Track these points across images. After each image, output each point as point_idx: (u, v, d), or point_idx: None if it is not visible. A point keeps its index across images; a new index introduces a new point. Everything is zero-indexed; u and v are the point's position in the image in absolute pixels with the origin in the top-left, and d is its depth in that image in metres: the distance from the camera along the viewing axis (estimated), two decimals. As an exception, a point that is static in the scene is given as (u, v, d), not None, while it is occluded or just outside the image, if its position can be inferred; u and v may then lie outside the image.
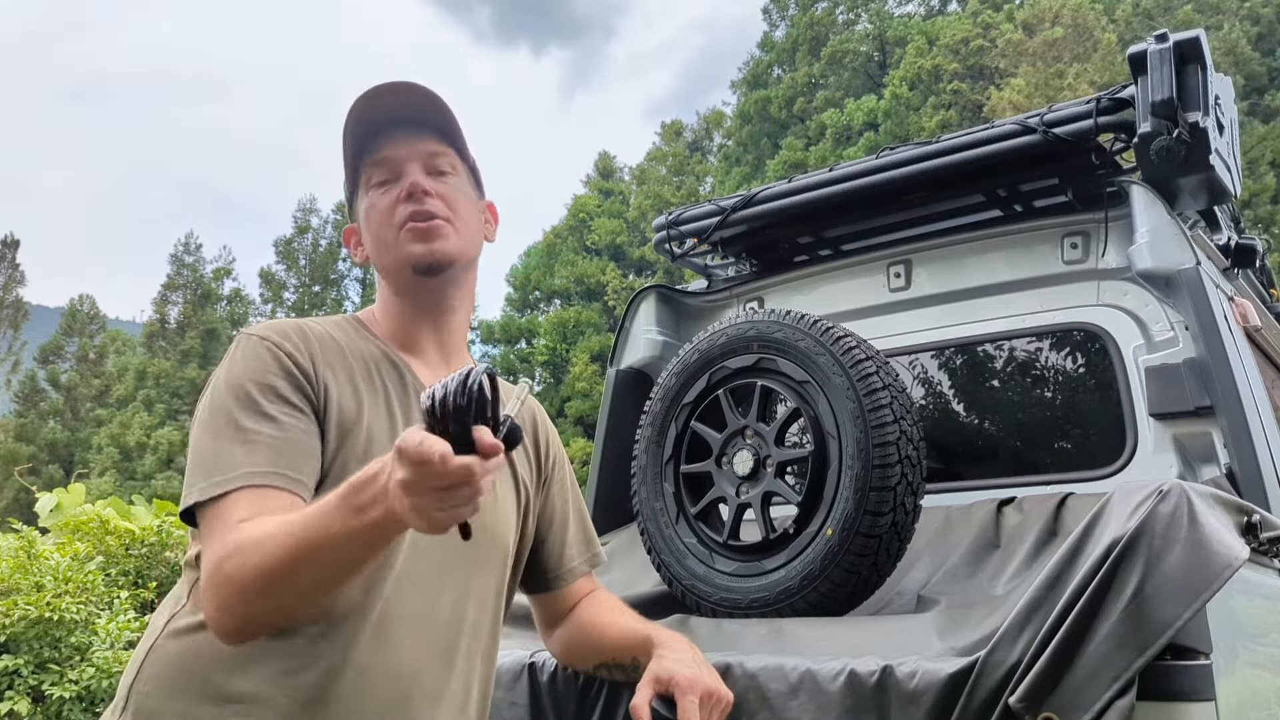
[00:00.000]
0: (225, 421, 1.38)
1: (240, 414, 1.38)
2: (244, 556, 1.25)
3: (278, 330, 1.48)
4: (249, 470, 1.33)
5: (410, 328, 1.60)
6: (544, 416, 1.80)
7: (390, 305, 1.61)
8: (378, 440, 1.46)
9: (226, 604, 1.27)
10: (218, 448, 1.36)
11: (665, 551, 2.32)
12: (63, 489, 6.73)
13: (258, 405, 1.38)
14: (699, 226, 3.12)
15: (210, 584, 1.28)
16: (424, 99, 1.57)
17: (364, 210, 1.59)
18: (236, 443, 1.36)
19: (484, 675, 1.59)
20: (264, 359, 1.43)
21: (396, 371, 1.55)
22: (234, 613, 1.28)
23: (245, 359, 1.44)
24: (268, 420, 1.38)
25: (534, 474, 1.71)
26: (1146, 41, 2.46)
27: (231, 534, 1.28)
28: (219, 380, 1.44)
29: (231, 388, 1.41)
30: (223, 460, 1.35)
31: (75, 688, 5.04)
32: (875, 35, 37.94)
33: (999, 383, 2.96)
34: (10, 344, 41.44)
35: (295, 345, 1.46)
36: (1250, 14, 29.65)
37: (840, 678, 1.54)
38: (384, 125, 1.56)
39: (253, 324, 1.53)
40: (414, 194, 1.53)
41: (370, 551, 1.23)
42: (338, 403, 1.45)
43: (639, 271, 36.65)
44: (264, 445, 1.36)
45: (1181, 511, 1.41)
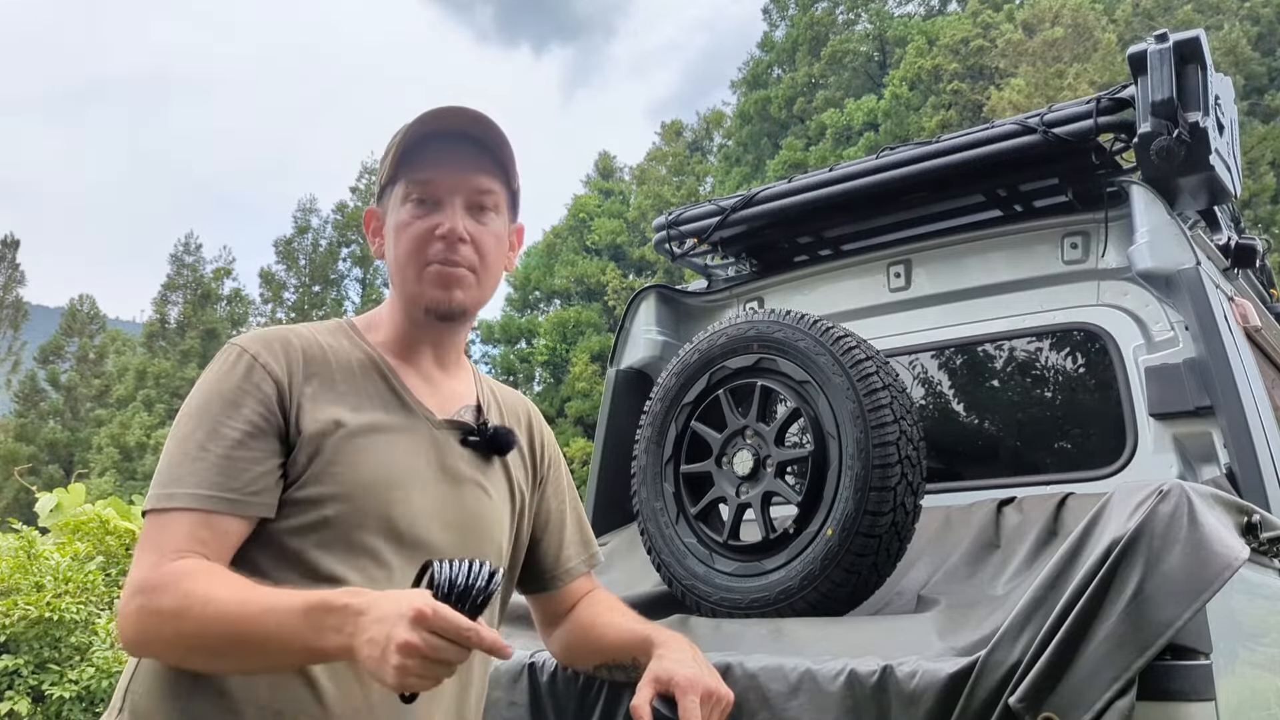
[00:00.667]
0: (187, 433, 1.41)
1: (200, 428, 1.40)
2: (180, 602, 1.27)
3: (261, 341, 1.49)
4: (194, 491, 1.36)
5: (410, 341, 1.60)
6: (539, 418, 1.80)
7: (396, 315, 1.61)
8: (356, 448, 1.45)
9: (140, 630, 1.31)
10: (173, 459, 1.40)
11: (665, 551, 2.32)
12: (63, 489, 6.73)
13: (219, 421, 1.40)
14: (699, 226, 3.12)
15: (133, 605, 1.31)
16: (480, 121, 1.55)
17: (395, 223, 1.56)
18: (191, 457, 1.38)
19: (480, 676, 1.59)
20: (236, 372, 1.44)
21: (383, 379, 1.54)
22: (141, 640, 1.32)
23: (219, 371, 1.46)
24: (222, 439, 1.39)
25: (529, 475, 1.71)
26: (1146, 41, 2.46)
27: (168, 565, 1.31)
28: (194, 391, 1.47)
29: (200, 399, 1.44)
30: (175, 473, 1.38)
31: (75, 688, 5.04)
32: (875, 35, 37.94)
33: (999, 383, 2.96)
34: (10, 344, 41.44)
35: (274, 356, 1.46)
36: (1250, 14, 29.64)
37: (840, 678, 1.54)
38: (439, 138, 1.54)
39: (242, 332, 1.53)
40: (448, 239, 1.51)
41: (300, 661, 1.31)
42: (311, 414, 1.44)
43: (639, 271, 36.65)
44: (216, 463, 1.38)
45: (1181, 511, 1.41)
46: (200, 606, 1.26)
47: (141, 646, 1.34)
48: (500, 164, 1.58)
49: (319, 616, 1.21)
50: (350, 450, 1.44)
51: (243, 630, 1.25)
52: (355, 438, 1.46)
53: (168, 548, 1.33)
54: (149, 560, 1.33)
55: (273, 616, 1.24)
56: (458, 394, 1.63)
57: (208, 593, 1.27)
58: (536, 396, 34.82)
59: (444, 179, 1.53)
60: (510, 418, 1.70)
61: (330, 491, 1.41)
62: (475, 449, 1.59)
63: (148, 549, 1.35)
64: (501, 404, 1.72)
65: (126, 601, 1.32)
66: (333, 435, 1.44)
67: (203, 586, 1.28)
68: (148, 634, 1.31)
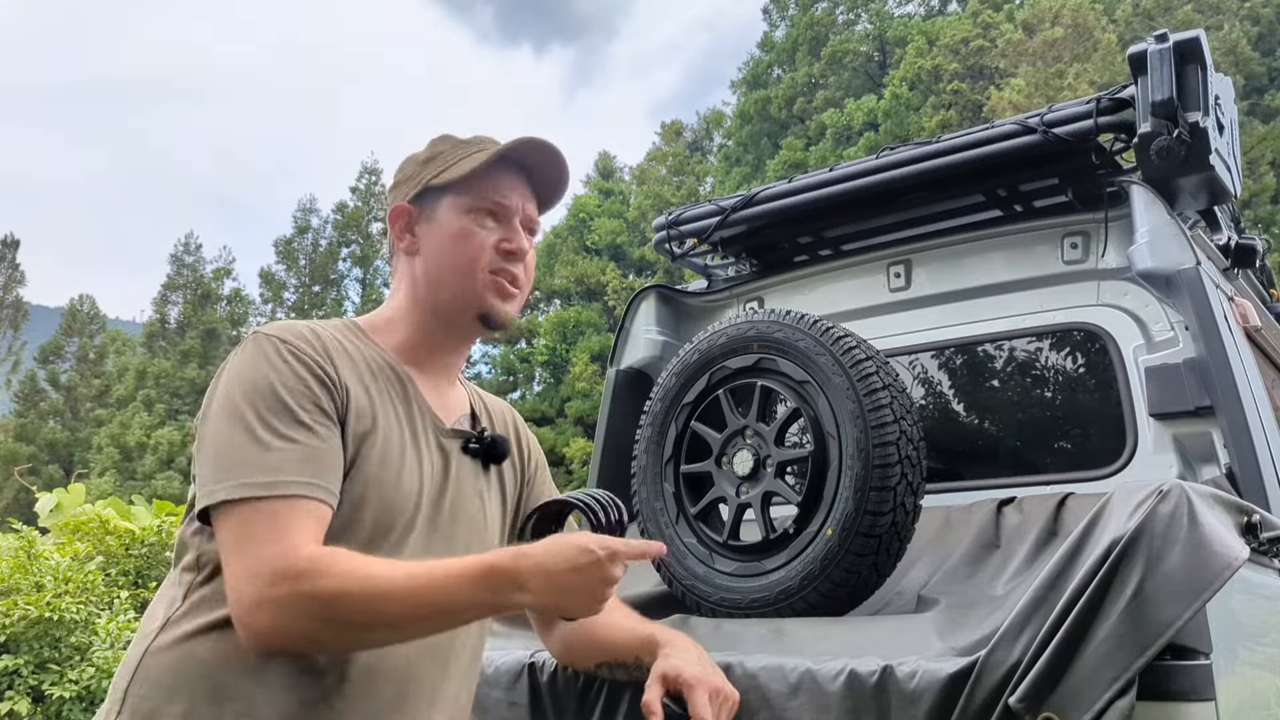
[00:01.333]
0: (257, 423, 1.35)
1: (274, 418, 1.36)
2: (342, 583, 1.26)
3: (296, 334, 1.46)
4: (293, 479, 1.32)
5: (427, 345, 1.59)
6: (522, 422, 1.81)
7: (418, 321, 1.59)
8: (392, 447, 1.46)
9: (290, 617, 1.27)
10: (249, 449, 1.33)
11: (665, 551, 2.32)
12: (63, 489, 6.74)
13: (292, 412, 1.37)
14: (699, 226, 3.12)
15: (278, 592, 1.26)
16: (557, 158, 1.61)
17: (455, 228, 1.56)
18: (269, 448, 1.34)
19: (473, 677, 1.61)
20: (290, 363, 1.41)
21: (400, 382, 1.54)
22: (283, 628, 1.28)
23: (270, 361, 1.41)
24: (303, 428, 1.36)
25: (517, 479, 1.72)
26: (1146, 41, 2.46)
27: (308, 549, 1.28)
28: (241, 380, 1.40)
29: (260, 390, 1.38)
30: (257, 462, 1.33)
31: (75, 688, 5.05)
32: (875, 35, 37.94)
33: (999, 383, 2.96)
34: (10, 344, 41.44)
35: (319, 351, 1.44)
36: (1250, 14, 29.63)
37: (840, 678, 1.54)
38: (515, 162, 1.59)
39: (264, 324, 1.51)
40: (517, 254, 1.57)
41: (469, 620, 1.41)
42: (355, 409, 1.44)
43: (639, 271, 36.64)
44: (301, 454, 1.34)
45: (1181, 511, 1.41)
46: (368, 584, 1.27)
47: (279, 636, 1.29)
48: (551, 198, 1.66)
49: (499, 580, 1.31)
50: (378, 454, 1.44)
51: (420, 602, 1.29)
52: (383, 442, 1.46)
53: (293, 532, 1.29)
54: (277, 548, 1.28)
55: (453, 585, 1.29)
56: (456, 402, 1.64)
57: (368, 571, 1.28)
58: (536, 396, 34.83)
59: (514, 200, 1.59)
60: (498, 424, 1.72)
61: (360, 494, 1.41)
62: (474, 457, 1.60)
63: (266, 537, 1.29)
64: (490, 411, 1.73)
65: (265, 590, 1.27)
66: (369, 438, 1.44)
67: (358, 566, 1.29)
68: (297, 620, 1.27)
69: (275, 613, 1.27)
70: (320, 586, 1.26)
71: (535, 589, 1.31)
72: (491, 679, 1.89)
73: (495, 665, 1.90)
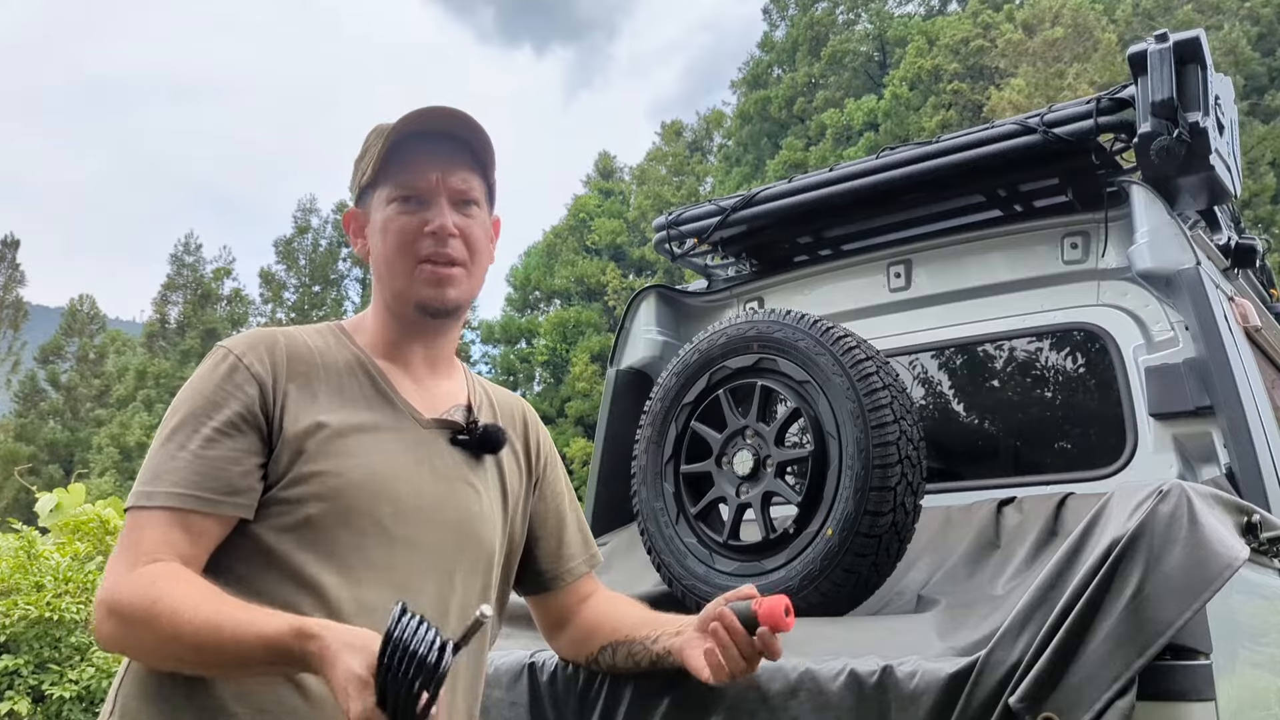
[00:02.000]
0: (169, 433, 1.43)
1: (182, 428, 1.42)
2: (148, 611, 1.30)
3: (246, 342, 1.50)
4: (170, 490, 1.38)
5: (399, 343, 1.59)
6: (535, 418, 1.80)
7: (382, 318, 1.60)
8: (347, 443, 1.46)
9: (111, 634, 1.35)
10: (155, 458, 1.42)
11: (665, 551, 2.32)
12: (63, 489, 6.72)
13: (200, 421, 1.42)
14: (699, 226, 3.12)
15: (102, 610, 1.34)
16: (461, 118, 1.56)
17: (380, 221, 1.56)
18: (170, 456, 1.41)
19: (473, 677, 1.58)
20: (219, 372, 1.46)
21: (369, 379, 1.54)
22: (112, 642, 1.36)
23: (204, 372, 1.47)
24: (201, 439, 1.41)
25: (523, 475, 1.70)
26: (1146, 41, 2.46)
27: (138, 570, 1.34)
28: (181, 389, 1.49)
29: (184, 400, 1.46)
30: (155, 472, 1.40)
31: (75, 688, 5.04)
32: (875, 35, 37.94)
33: (999, 383, 2.96)
34: (10, 344, 41.42)
35: (258, 357, 1.47)
36: (1250, 14, 29.64)
37: (840, 678, 1.54)
38: (419, 137, 1.54)
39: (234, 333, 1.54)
40: (439, 234, 1.52)
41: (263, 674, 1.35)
42: (294, 415, 1.45)
43: (639, 271, 36.64)
44: (193, 463, 1.39)
45: (1181, 511, 1.41)
46: (168, 618, 1.29)
47: (113, 647, 1.38)
48: (479, 159, 1.60)
49: (279, 654, 1.26)
50: (333, 451, 1.44)
51: (205, 646, 1.28)
52: (339, 438, 1.46)
53: (141, 549, 1.35)
54: (122, 564, 1.36)
55: (241, 643, 1.27)
56: (448, 394, 1.62)
57: (174, 605, 1.29)
58: (536, 396, 34.83)
59: (428, 176, 1.54)
60: (504, 417, 1.70)
61: (312, 491, 1.42)
62: (465, 448, 1.58)
63: (123, 550, 1.38)
64: (495, 404, 1.71)
65: (98, 605, 1.35)
66: (315, 436, 1.44)
67: (169, 597, 1.30)
68: (117, 637, 1.35)
69: (100, 627, 1.35)
70: (127, 613, 1.32)
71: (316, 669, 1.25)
72: (491, 679, 1.89)
73: (495, 665, 1.90)
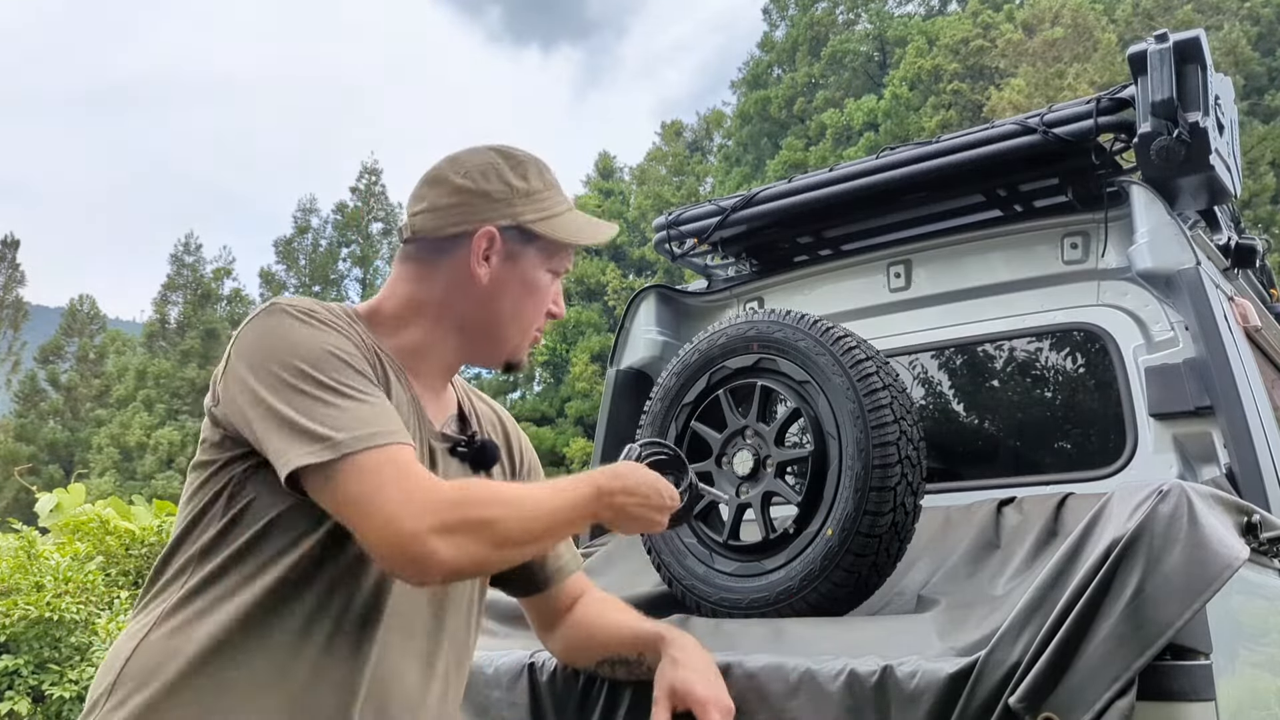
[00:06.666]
0: (332, 383, 1.34)
1: (345, 377, 1.36)
2: (493, 508, 1.37)
3: (323, 308, 1.45)
4: (392, 428, 1.35)
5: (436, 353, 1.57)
6: (514, 424, 1.80)
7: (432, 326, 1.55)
8: None
9: (468, 542, 1.33)
10: (328, 410, 1.32)
11: (665, 551, 2.32)
12: (63, 489, 6.73)
13: (358, 370, 1.39)
14: (699, 226, 3.12)
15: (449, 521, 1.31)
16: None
17: (532, 276, 1.58)
18: (361, 401, 1.35)
19: (459, 681, 1.59)
20: (330, 333, 1.40)
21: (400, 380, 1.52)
22: (469, 553, 1.34)
23: (312, 329, 1.39)
24: (373, 384, 1.40)
25: (508, 481, 1.70)
26: (1146, 41, 2.46)
27: (443, 481, 1.38)
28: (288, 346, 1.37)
29: (316, 353, 1.36)
30: (357, 416, 1.33)
31: (75, 688, 5.05)
32: (875, 35, 37.94)
33: (999, 383, 2.96)
34: (10, 344, 41.45)
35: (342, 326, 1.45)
36: (1250, 14, 29.65)
37: (840, 678, 1.54)
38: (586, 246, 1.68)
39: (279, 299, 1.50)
40: (555, 315, 1.66)
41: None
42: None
43: (639, 271, 36.65)
44: (382, 408, 1.37)
45: (1181, 511, 1.41)
46: (516, 506, 1.40)
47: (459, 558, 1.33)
48: None
49: (604, 500, 1.47)
50: None
51: (556, 519, 1.43)
52: None
53: (413, 473, 1.33)
54: (423, 482, 1.33)
55: (576, 503, 1.45)
56: (446, 403, 1.63)
57: (509, 494, 1.43)
58: (536, 396, 34.84)
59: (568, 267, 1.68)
60: (489, 427, 1.70)
61: None
62: (462, 460, 1.58)
63: (406, 476, 1.32)
64: (479, 413, 1.71)
65: (436, 518, 1.30)
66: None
67: (498, 490, 1.45)
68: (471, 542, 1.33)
69: (451, 539, 1.31)
70: (482, 510, 1.36)
71: (621, 506, 1.50)
72: (491, 679, 1.89)
73: (495, 665, 1.90)
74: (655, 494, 1.54)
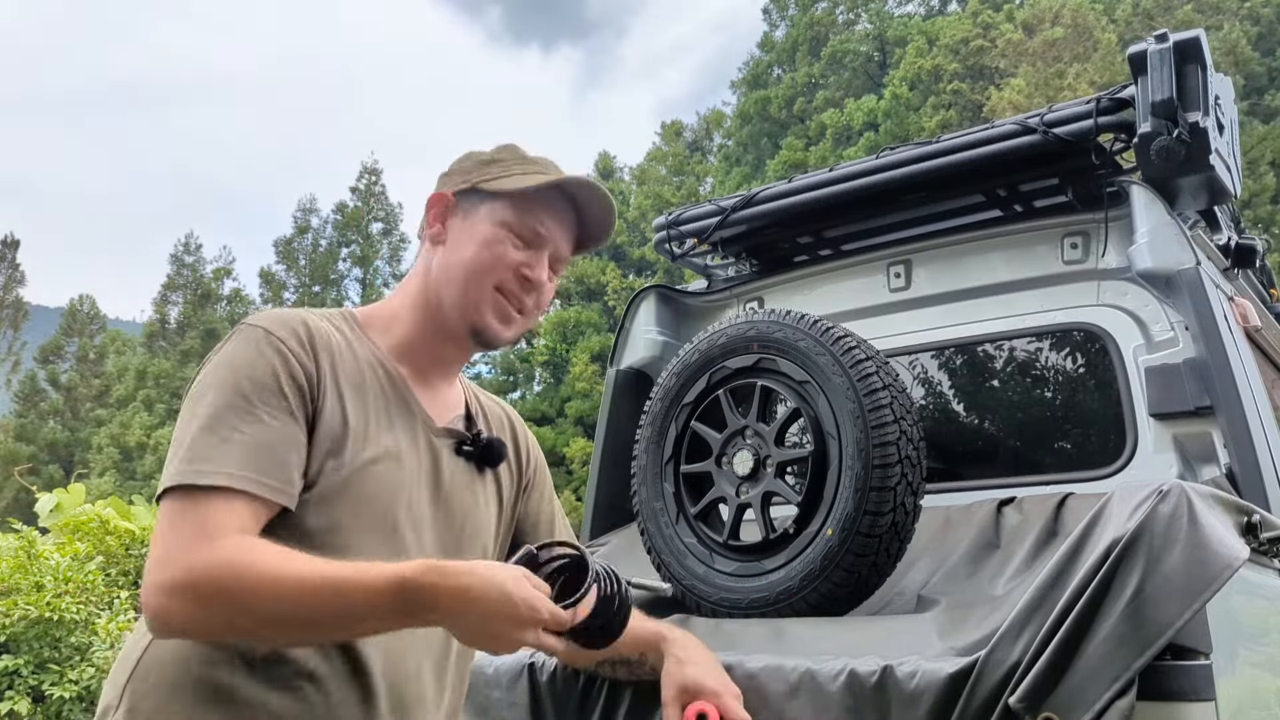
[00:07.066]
0: (215, 412, 1.35)
1: (230, 411, 1.35)
2: (246, 582, 1.25)
3: (283, 324, 1.44)
4: (232, 471, 1.31)
5: (424, 347, 1.57)
6: (521, 424, 1.80)
7: (419, 319, 1.57)
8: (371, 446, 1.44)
9: (202, 609, 1.26)
10: (201, 438, 1.34)
11: (665, 551, 2.32)
12: (63, 489, 6.72)
13: (250, 405, 1.36)
14: (699, 226, 3.12)
15: (189, 582, 1.25)
16: (607, 208, 1.61)
17: (483, 233, 1.54)
18: (222, 438, 1.33)
19: (463, 684, 1.61)
20: (265, 355, 1.40)
21: (392, 380, 1.52)
22: (187, 620, 1.27)
23: (246, 352, 1.40)
24: (257, 422, 1.35)
25: (514, 482, 1.71)
26: (1146, 41, 2.46)
27: (221, 541, 1.27)
28: (215, 368, 1.41)
29: (226, 381, 1.38)
30: (206, 451, 1.32)
31: (75, 688, 5.05)
32: (875, 35, 37.94)
33: (999, 383, 2.96)
34: (10, 344, 41.44)
35: (300, 343, 1.42)
36: (1250, 14, 29.65)
37: (840, 678, 1.54)
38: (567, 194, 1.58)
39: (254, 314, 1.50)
40: (534, 283, 1.55)
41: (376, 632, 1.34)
42: (332, 412, 1.42)
43: (639, 271, 36.64)
44: (254, 448, 1.33)
45: (1181, 511, 1.42)
46: (270, 582, 1.25)
47: (180, 627, 1.29)
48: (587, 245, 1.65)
49: (410, 595, 1.25)
50: (364, 457, 1.43)
51: (322, 605, 1.26)
52: (366, 444, 1.44)
53: (208, 527, 1.28)
54: (187, 541, 1.27)
55: (360, 592, 1.25)
56: (452, 402, 1.62)
57: (276, 569, 1.25)
58: (536, 396, 34.83)
59: (552, 232, 1.57)
60: (495, 425, 1.70)
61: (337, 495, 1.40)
62: (468, 459, 1.58)
63: (183, 527, 1.29)
64: (487, 412, 1.71)
65: (165, 587, 1.26)
66: (347, 439, 1.42)
67: (263, 562, 1.26)
68: (189, 617, 1.27)
69: (176, 599, 1.26)
70: (234, 582, 1.25)
71: (447, 611, 1.26)
72: (491, 679, 1.89)
73: (495, 665, 1.90)
74: (506, 602, 1.25)
